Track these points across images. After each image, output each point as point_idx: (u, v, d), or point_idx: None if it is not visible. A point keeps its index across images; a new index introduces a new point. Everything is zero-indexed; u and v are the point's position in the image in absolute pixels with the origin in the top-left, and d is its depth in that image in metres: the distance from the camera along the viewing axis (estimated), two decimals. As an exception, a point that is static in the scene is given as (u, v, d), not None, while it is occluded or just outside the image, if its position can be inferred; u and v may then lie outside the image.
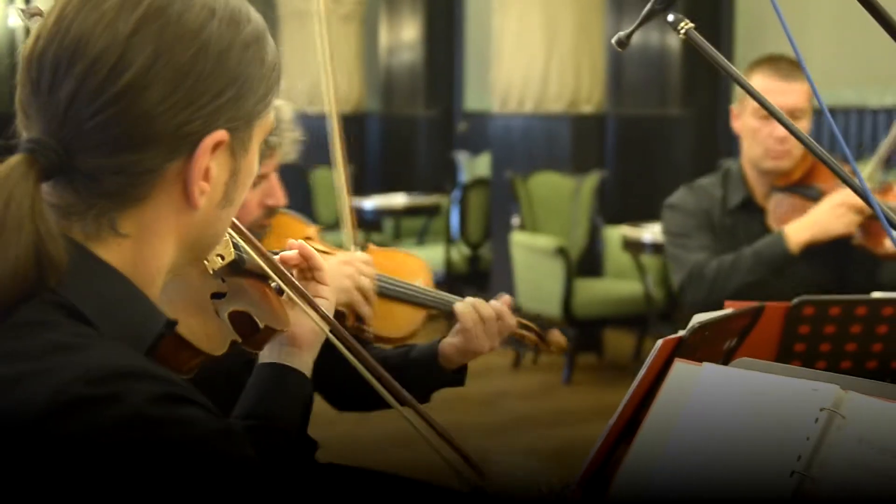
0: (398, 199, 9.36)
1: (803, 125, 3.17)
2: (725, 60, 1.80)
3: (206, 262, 1.49)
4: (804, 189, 3.18)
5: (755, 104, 3.12)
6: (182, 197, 1.14)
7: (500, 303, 2.36)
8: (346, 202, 2.44)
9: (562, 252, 6.83)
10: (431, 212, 9.39)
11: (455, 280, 8.74)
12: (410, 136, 11.28)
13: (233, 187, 1.20)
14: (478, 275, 8.76)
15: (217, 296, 1.50)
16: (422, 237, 9.67)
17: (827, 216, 3.04)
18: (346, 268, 2.09)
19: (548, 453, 5.48)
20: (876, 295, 2.45)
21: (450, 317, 2.35)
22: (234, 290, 1.53)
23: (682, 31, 1.88)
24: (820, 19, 7.69)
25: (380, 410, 2.44)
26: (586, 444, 1.77)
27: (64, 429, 0.97)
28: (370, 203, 9.22)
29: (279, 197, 2.27)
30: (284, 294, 1.72)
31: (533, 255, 7.07)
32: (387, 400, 1.67)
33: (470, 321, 2.30)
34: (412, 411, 1.64)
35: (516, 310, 2.47)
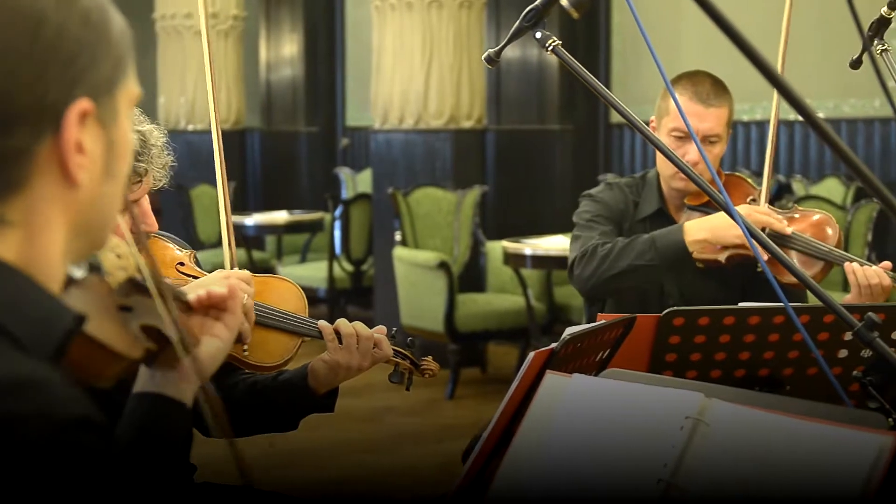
0: (280, 216, 9.29)
1: (718, 150, 3.19)
2: (590, 75, 1.83)
3: (108, 276, 1.46)
4: (714, 210, 3.20)
5: (671, 124, 3.16)
6: (62, 176, 1.13)
7: (377, 331, 2.39)
8: (225, 221, 2.42)
9: (444, 267, 6.86)
10: (314, 228, 9.34)
11: (338, 296, 8.71)
12: (292, 153, 11.22)
13: (111, 159, 1.19)
14: (361, 291, 8.75)
15: (124, 309, 1.46)
16: (304, 254, 9.62)
17: (725, 225, 3.04)
18: (225, 283, 2.07)
19: (433, 468, 5.49)
20: (743, 304, 2.51)
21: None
22: (141, 306, 1.50)
23: (550, 48, 1.91)
24: (692, 38, 7.87)
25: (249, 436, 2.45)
26: (470, 459, 1.78)
27: None
28: (251, 220, 9.14)
29: (150, 222, 2.24)
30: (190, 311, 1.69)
31: (415, 271, 7.08)
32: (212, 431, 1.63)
33: (331, 332, 2.32)
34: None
35: (391, 336, 2.50)
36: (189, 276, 2.35)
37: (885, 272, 2.96)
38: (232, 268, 2.39)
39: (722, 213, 3.09)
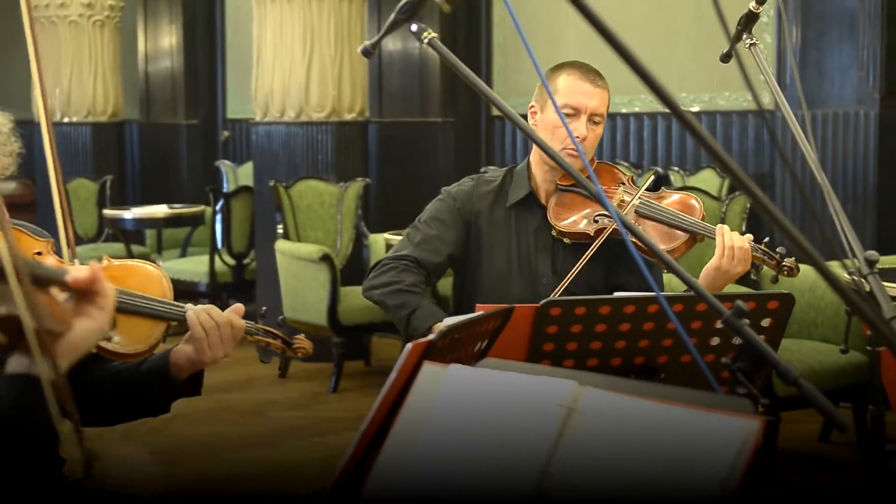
0: (159, 210, 9.14)
1: (599, 130, 3.26)
2: (466, 68, 1.84)
3: None
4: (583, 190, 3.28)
5: (561, 101, 3.21)
6: None
7: (232, 310, 2.36)
8: (60, 213, 2.36)
9: (326, 260, 6.83)
10: (194, 222, 9.21)
11: (220, 290, 8.62)
12: (171, 146, 11.06)
13: None
14: (243, 284, 8.66)
15: None
16: (185, 248, 9.49)
17: None
18: (85, 268, 2.03)
19: (316, 462, 5.47)
20: (618, 294, 2.56)
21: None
22: (1, 295, 1.47)
23: (426, 41, 1.92)
24: (572, 33, 7.96)
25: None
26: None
27: None
28: (130, 214, 8.98)
29: None
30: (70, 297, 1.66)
31: (298, 264, 7.04)
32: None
33: (200, 329, 2.29)
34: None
35: (261, 316, 2.49)
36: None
37: (746, 241, 3.11)
38: (72, 258, 2.34)
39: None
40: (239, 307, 2.39)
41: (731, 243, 3.05)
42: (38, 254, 2.31)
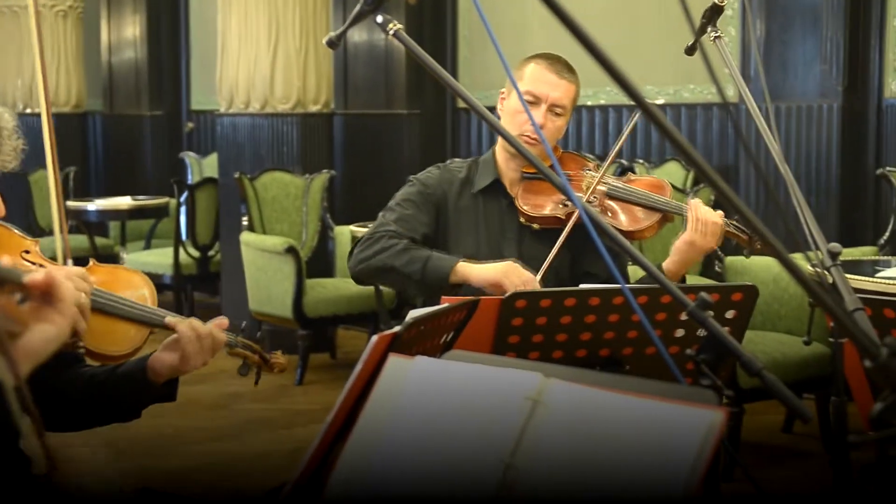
0: (123, 202, 9.07)
1: (561, 122, 3.27)
2: (431, 60, 1.84)
3: None
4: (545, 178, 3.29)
5: (524, 88, 3.23)
6: None
7: (216, 323, 2.38)
8: (56, 210, 2.36)
9: (292, 252, 6.81)
10: (159, 214, 9.16)
11: (185, 283, 8.58)
12: (135, 137, 10.99)
13: None
14: (208, 277, 8.62)
15: None
16: (149, 240, 9.43)
17: (494, 271, 3.04)
18: (44, 272, 2.02)
19: (283, 454, 5.46)
20: (584, 286, 2.57)
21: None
22: None
23: (391, 33, 1.92)
24: (538, 26, 7.96)
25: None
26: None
27: None
28: (94, 206, 8.91)
29: None
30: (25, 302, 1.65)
31: (263, 256, 7.02)
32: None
33: (186, 337, 2.30)
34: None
35: (241, 330, 2.51)
36: (34, 263, 2.29)
37: (718, 216, 3.15)
38: (65, 258, 2.34)
39: (501, 264, 3.08)
40: (222, 322, 2.42)
41: (702, 217, 3.09)
42: (27, 252, 2.31)
